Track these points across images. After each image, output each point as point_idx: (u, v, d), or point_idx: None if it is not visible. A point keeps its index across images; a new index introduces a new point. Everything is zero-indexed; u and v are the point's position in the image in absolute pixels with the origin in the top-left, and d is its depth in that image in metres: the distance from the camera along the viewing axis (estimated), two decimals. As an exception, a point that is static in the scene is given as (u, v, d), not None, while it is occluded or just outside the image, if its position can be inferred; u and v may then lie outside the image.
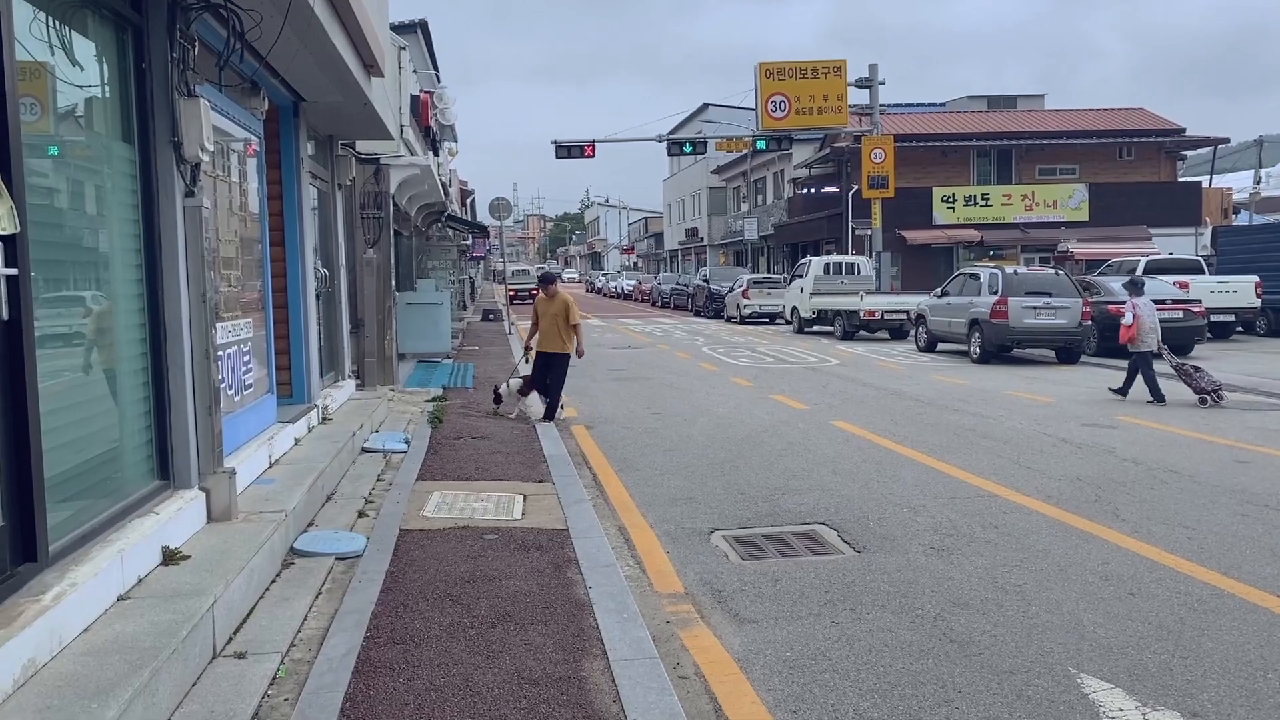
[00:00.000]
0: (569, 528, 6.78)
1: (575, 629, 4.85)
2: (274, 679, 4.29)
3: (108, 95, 5.14)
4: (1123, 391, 13.83)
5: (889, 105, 40.94)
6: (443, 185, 23.22)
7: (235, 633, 4.73)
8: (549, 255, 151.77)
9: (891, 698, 4.23)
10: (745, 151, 46.84)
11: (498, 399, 12.27)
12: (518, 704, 4.01)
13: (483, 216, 50.38)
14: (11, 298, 3.77)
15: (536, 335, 12.08)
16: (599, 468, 9.18)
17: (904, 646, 4.79)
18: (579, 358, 12.29)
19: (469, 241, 40.34)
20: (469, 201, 48.38)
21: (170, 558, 4.93)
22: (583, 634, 4.79)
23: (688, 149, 36.64)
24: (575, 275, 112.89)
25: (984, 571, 5.94)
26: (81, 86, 4.89)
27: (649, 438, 10.80)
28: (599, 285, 74.36)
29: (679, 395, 14.49)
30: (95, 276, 4.99)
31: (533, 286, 48.71)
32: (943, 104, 50.04)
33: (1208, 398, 13.04)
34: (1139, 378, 13.53)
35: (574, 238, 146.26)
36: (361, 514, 7.19)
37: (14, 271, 3.77)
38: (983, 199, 38.19)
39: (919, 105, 49.54)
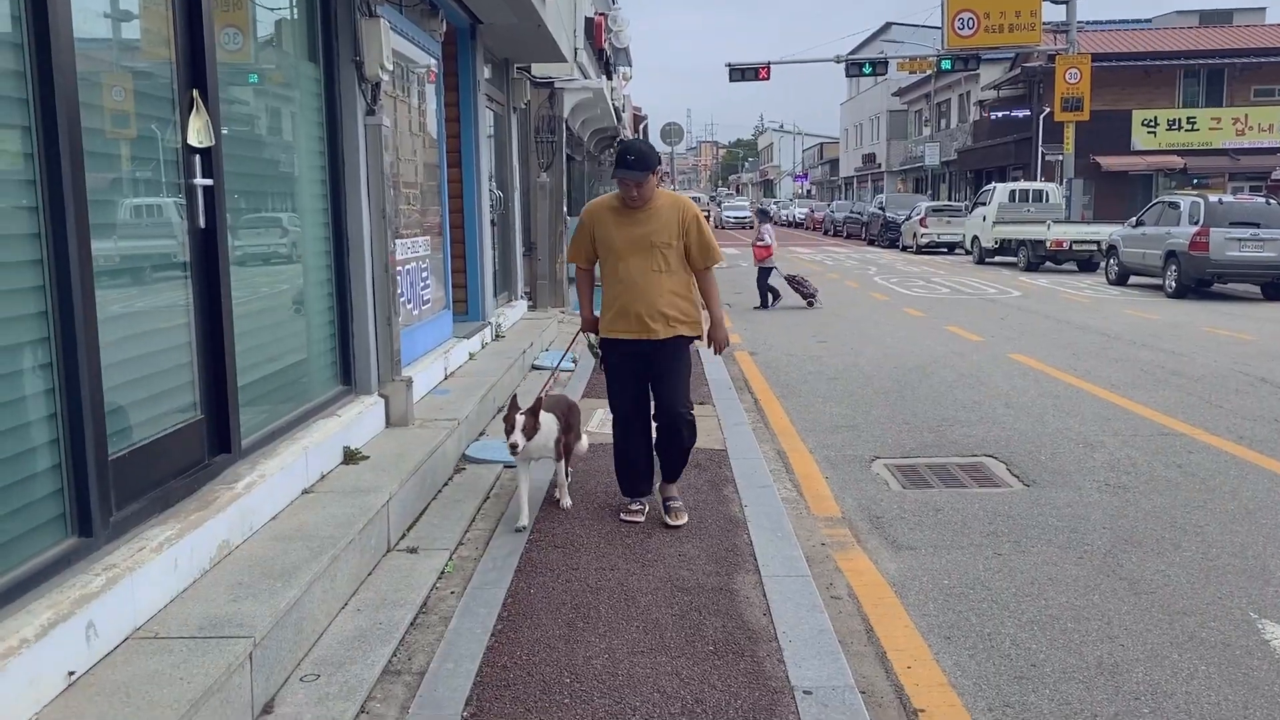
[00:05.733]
0: (727, 448, 6.83)
1: (729, 544, 4.91)
2: (442, 573, 4.53)
3: (296, 17, 5.37)
4: (765, 305, 16.20)
5: (1087, 22, 38.35)
6: (615, 110, 23.26)
7: (408, 530, 5.01)
8: (720, 183, 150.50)
9: (1051, 630, 4.11)
10: (929, 72, 44.79)
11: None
12: (669, 609, 4.12)
13: (655, 142, 50.30)
14: (208, 207, 4.04)
15: (605, 298, 5.22)
16: (760, 392, 9.17)
17: (1069, 581, 4.63)
18: (717, 352, 5.59)
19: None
20: (642, 127, 48.35)
21: (350, 457, 5.25)
22: (736, 550, 4.84)
23: (867, 70, 35.38)
24: (746, 203, 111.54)
25: (1162, 511, 5.65)
26: (273, 9, 5.13)
27: (813, 365, 10.69)
28: (769, 213, 73.32)
29: (847, 324, 14.24)
30: (284, 190, 5.28)
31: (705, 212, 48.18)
32: (1148, 20, 46.48)
33: (811, 300, 16.19)
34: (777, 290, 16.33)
35: (746, 165, 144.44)
36: (528, 427, 7.42)
37: (210, 182, 4.04)
38: (1188, 123, 35.44)
39: (1121, 22, 46.15)
